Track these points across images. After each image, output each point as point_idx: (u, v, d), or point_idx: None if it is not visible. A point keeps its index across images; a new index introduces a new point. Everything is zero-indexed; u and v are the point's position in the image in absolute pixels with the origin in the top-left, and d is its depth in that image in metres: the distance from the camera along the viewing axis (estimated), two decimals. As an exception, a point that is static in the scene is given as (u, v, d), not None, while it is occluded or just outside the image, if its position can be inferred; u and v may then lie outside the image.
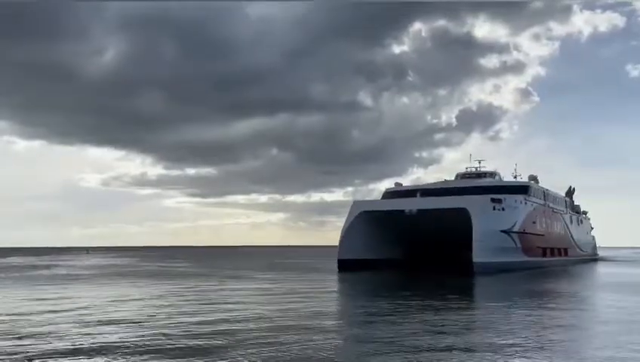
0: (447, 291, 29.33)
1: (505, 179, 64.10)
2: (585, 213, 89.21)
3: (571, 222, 75.42)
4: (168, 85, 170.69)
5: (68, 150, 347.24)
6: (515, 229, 50.83)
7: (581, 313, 21.21)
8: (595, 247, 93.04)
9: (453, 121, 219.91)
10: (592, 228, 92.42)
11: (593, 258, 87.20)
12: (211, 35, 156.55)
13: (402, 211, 50.51)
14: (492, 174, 64.21)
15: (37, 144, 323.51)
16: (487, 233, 46.20)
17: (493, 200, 48.57)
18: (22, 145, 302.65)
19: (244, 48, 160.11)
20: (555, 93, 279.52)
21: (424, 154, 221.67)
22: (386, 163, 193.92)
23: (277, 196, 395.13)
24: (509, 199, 50.61)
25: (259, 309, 20.80)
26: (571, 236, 74.10)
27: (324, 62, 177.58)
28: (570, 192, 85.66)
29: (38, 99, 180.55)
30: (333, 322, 18.28)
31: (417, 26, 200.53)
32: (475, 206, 46.87)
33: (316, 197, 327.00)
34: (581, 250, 79.36)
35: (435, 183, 62.44)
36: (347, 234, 51.90)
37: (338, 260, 51.22)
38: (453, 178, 65.70)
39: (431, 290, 29.94)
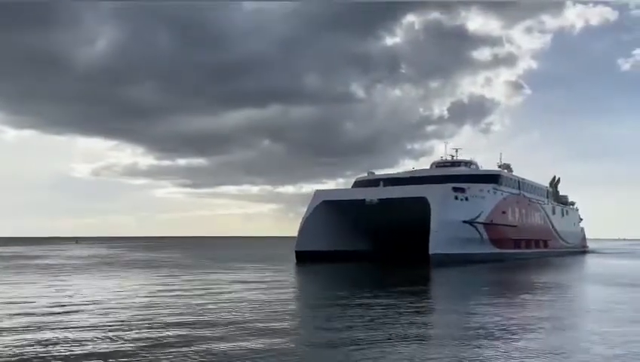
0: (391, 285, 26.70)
1: (483, 168, 61.41)
2: (572, 203, 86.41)
3: (554, 212, 72.62)
4: (160, 75, 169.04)
5: (58, 140, 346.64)
6: (481, 220, 48.07)
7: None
8: (583, 239, 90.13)
9: (445, 113, 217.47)
10: (581, 220, 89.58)
11: (580, 250, 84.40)
12: (204, 25, 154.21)
13: (363, 201, 47.83)
14: (467, 163, 61.37)
15: (27, 133, 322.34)
16: (447, 223, 43.45)
17: (455, 189, 45.77)
18: (12, 134, 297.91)
19: (237, 39, 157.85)
20: (546, 86, 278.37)
21: (416, 146, 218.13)
22: (378, 154, 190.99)
23: (268, 187, 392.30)
24: (473, 188, 47.79)
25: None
26: (553, 227, 71.34)
27: (317, 54, 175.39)
28: (554, 182, 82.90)
29: (28, 89, 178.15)
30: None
31: (410, 19, 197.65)
32: (435, 195, 44.04)
33: (308, 188, 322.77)
34: (565, 242, 76.59)
35: (403, 172, 59.60)
36: (306, 224, 49.11)
37: (296, 252, 48.57)
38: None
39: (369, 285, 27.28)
